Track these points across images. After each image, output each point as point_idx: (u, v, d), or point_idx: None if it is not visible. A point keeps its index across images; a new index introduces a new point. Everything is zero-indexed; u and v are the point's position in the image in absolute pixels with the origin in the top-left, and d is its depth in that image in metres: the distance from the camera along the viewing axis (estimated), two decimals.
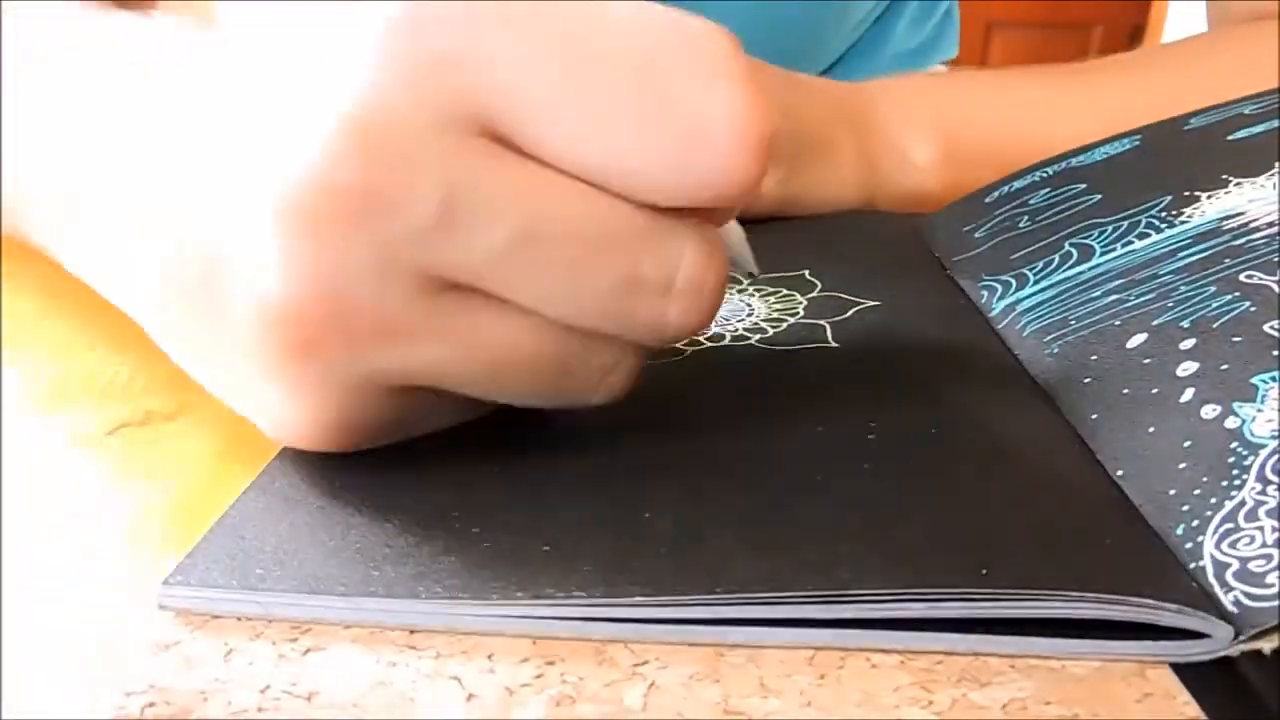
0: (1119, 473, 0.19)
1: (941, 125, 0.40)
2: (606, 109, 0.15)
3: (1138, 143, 0.33)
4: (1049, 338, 0.24)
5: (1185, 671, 0.15)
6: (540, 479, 0.19)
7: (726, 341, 0.25)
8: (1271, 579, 0.15)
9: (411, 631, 0.16)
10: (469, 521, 0.17)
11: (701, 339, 0.25)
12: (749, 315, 0.26)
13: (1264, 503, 0.16)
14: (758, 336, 0.25)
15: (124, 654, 0.16)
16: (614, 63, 0.15)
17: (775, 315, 0.26)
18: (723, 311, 0.27)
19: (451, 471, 0.19)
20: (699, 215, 0.17)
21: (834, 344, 0.24)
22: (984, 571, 0.15)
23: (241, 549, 0.17)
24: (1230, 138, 0.30)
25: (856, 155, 0.39)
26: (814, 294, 0.28)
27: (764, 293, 0.28)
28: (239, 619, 0.16)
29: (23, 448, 0.22)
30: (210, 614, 0.16)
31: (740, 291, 0.28)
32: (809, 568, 0.16)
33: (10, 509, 0.19)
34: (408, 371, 0.17)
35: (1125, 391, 0.21)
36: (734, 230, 0.23)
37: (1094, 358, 0.22)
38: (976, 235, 0.32)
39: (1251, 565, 0.16)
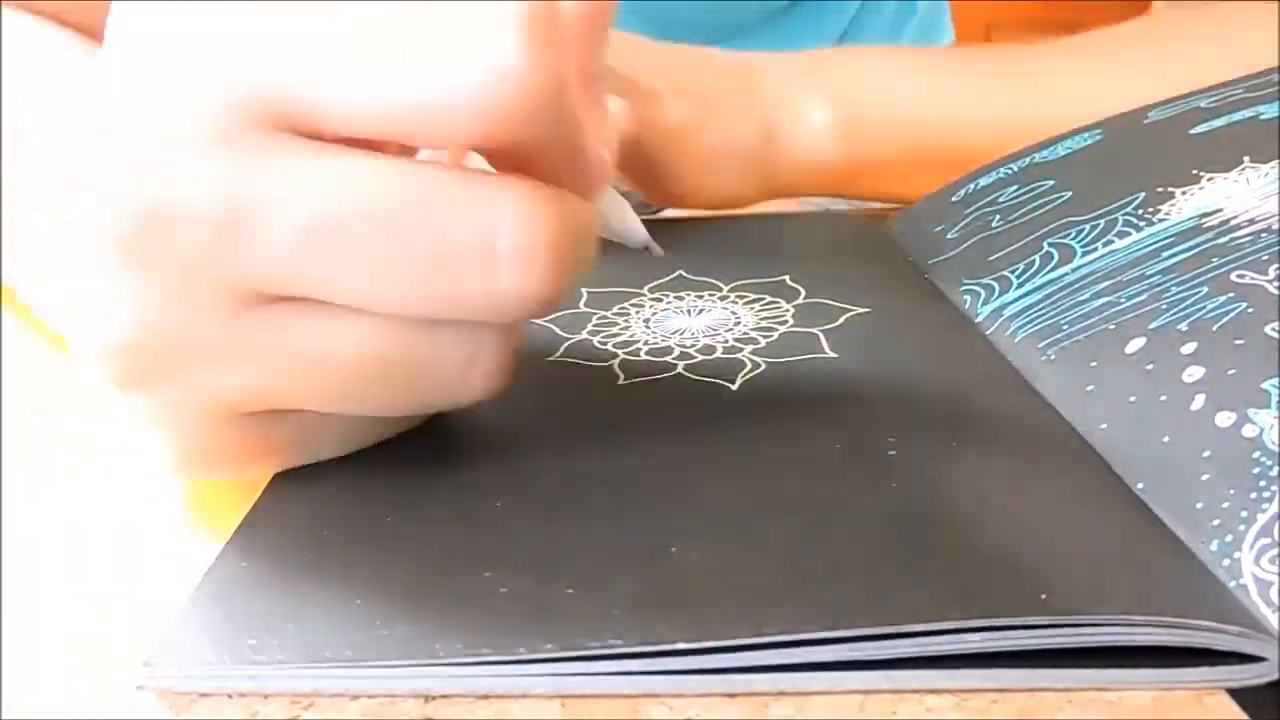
0: (1139, 485, 0.18)
1: (836, 93, 0.39)
2: (368, 53, 0.14)
3: (1099, 137, 0.33)
4: (1043, 343, 0.24)
5: (1241, 696, 0.15)
6: (544, 512, 0.18)
7: (719, 354, 0.24)
8: None
9: (427, 700, 0.15)
10: (478, 564, 0.16)
11: (692, 351, 0.24)
12: (737, 324, 0.25)
13: None
14: (751, 348, 0.24)
15: (124, 654, 0.15)
16: (368, 12, 0.15)
17: (764, 324, 0.25)
18: (708, 322, 0.26)
19: (448, 508, 0.18)
20: (562, 185, 0.16)
21: (832, 354, 0.24)
22: (1043, 597, 0.15)
23: (228, 617, 0.15)
24: (1192, 132, 0.30)
25: (751, 110, 0.38)
26: (799, 301, 0.27)
27: (747, 300, 0.27)
28: (229, 696, 0.15)
29: (24, 447, 0.22)
30: (197, 693, 0.15)
31: (722, 299, 0.27)
32: (861, 603, 0.15)
33: (12, 508, 0.19)
34: (243, 394, 0.17)
35: (1132, 399, 0.20)
36: (614, 200, 0.21)
37: (1093, 364, 0.22)
38: (949, 236, 0.31)
39: None
